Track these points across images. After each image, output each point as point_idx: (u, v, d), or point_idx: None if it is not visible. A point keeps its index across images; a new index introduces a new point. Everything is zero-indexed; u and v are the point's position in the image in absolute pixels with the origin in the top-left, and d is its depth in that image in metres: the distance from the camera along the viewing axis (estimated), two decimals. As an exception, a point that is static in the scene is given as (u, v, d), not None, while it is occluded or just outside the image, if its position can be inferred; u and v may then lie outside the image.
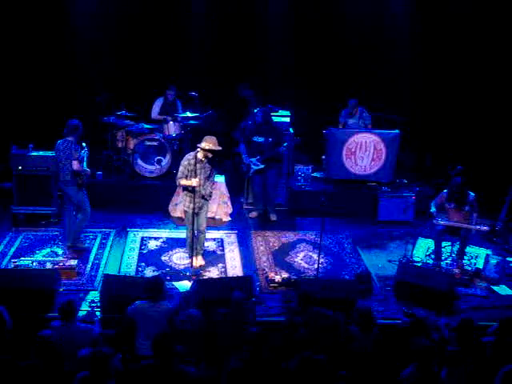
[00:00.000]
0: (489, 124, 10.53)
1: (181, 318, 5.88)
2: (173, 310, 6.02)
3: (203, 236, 7.80)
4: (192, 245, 7.56)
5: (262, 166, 9.07)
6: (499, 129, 10.45)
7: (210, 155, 7.34)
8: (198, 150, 7.33)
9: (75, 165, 7.56)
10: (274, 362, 5.11)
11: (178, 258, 8.01)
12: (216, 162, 7.87)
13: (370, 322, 5.74)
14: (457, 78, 10.78)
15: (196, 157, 7.29)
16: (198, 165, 7.28)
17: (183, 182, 7.40)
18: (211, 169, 7.54)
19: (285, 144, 9.06)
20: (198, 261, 7.74)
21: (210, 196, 7.74)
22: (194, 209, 7.38)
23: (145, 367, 4.92)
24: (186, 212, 7.66)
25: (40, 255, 7.87)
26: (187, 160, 7.39)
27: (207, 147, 7.26)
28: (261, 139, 9.03)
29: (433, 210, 7.97)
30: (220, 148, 7.40)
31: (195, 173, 7.27)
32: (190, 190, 7.39)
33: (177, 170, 7.64)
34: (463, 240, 7.97)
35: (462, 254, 8.06)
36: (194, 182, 7.27)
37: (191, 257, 7.63)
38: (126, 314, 5.94)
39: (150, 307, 5.87)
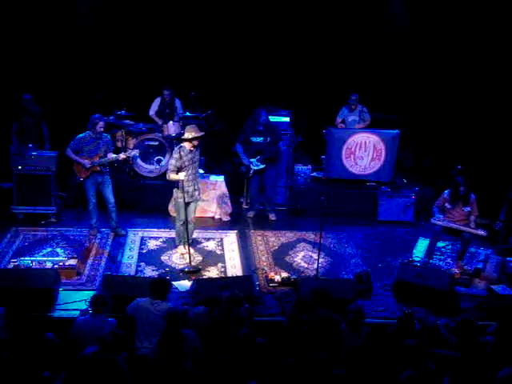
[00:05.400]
0: (488, 124, 10.53)
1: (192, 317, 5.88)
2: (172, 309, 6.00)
3: (192, 226, 7.98)
4: (181, 234, 7.90)
5: (263, 166, 9.08)
6: (499, 129, 10.45)
7: (196, 143, 7.64)
8: (184, 143, 7.64)
9: None
10: (271, 361, 5.12)
11: (178, 258, 8.01)
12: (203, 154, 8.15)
13: (358, 321, 5.75)
14: (457, 79, 10.78)
15: (186, 149, 7.61)
16: (189, 155, 7.62)
17: (172, 175, 7.63)
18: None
19: (281, 142, 9.10)
20: (183, 250, 7.96)
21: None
22: (184, 198, 7.60)
23: (151, 365, 4.94)
24: (176, 202, 7.87)
25: (40, 255, 7.87)
26: (177, 153, 7.64)
27: (190, 136, 7.58)
28: (259, 139, 9.04)
29: (435, 211, 7.99)
30: (203, 133, 7.73)
31: (186, 164, 7.60)
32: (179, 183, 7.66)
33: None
34: (466, 242, 7.97)
35: (462, 255, 8.06)
36: (180, 175, 7.57)
37: (177, 246, 8.01)
38: (126, 312, 5.95)
39: (150, 305, 5.87)
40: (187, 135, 7.61)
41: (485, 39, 10.46)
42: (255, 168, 9.08)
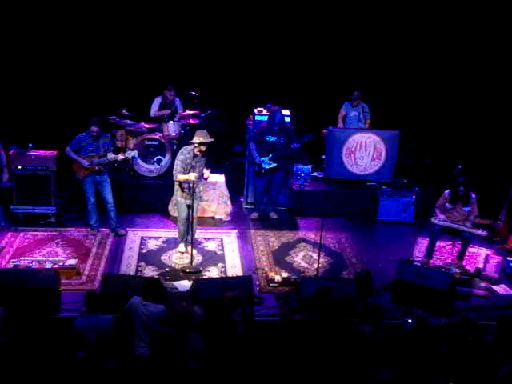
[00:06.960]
0: (489, 124, 10.53)
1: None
2: (166, 310, 5.95)
3: (195, 225, 7.98)
4: (184, 234, 7.90)
5: (275, 165, 9.05)
6: (499, 129, 10.45)
7: (203, 148, 7.55)
8: (193, 145, 7.57)
9: None
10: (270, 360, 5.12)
11: (178, 258, 8.00)
12: (210, 157, 8.05)
13: (380, 319, 5.75)
14: (457, 79, 10.79)
15: (193, 151, 7.54)
16: (194, 159, 7.54)
17: (180, 176, 7.55)
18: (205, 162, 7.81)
19: (295, 143, 9.01)
20: (183, 248, 8.00)
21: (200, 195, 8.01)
22: (189, 199, 7.60)
23: (146, 364, 4.94)
24: (177, 203, 7.85)
25: (40, 255, 7.86)
26: (183, 155, 7.59)
27: (198, 141, 7.50)
28: (273, 138, 9.01)
29: (436, 211, 8.00)
30: (212, 139, 7.63)
31: (192, 167, 7.53)
32: (186, 184, 7.61)
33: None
34: (466, 242, 7.97)
35: (462, 254, 8.06)
36: (192, 176, 7.47)
37: (179, 244, 8.02)
38: (123, 310, 5.95)
39: (140, 305, 5.83)
40: (195, 139, 7.52)
41: (485, 39, 10.47)
42: (266, 167, 9.06)
